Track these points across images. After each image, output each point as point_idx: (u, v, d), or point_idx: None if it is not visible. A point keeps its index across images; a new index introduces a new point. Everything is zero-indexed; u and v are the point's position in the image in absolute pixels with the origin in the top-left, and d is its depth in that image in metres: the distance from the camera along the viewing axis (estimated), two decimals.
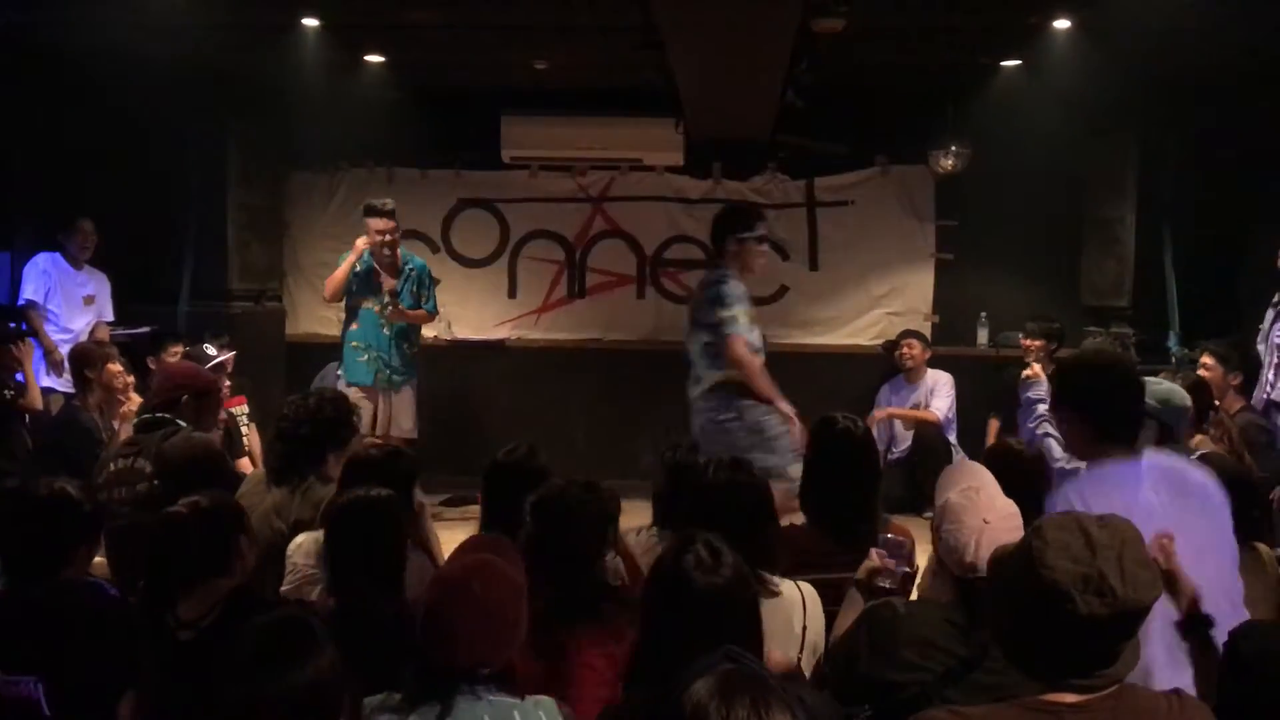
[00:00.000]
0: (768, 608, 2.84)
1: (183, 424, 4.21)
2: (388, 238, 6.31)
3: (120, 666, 2.01)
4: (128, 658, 2.01)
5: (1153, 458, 2.78)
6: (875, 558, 3.07)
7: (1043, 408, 4.39)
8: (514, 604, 2.24)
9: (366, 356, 6.31)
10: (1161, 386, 4.06)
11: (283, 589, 3.30)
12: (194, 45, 6.26)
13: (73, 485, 3.03)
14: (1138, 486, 2.63)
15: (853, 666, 2.48)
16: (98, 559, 3.36)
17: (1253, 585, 2.82)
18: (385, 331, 6.35)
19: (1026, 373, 4.84)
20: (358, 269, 6.32)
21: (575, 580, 2.72)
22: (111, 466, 3.97)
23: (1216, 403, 4.91)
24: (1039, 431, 4.48)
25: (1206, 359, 5.41)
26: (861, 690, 2.44)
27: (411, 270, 6.52)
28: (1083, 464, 3.81)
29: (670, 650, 2.09)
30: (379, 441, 5.28)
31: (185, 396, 4.32)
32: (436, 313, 6.80)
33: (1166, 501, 2.62)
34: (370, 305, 6.36)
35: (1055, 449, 3.77)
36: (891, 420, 7.36)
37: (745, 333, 4.99)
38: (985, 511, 2.59)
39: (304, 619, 2.08)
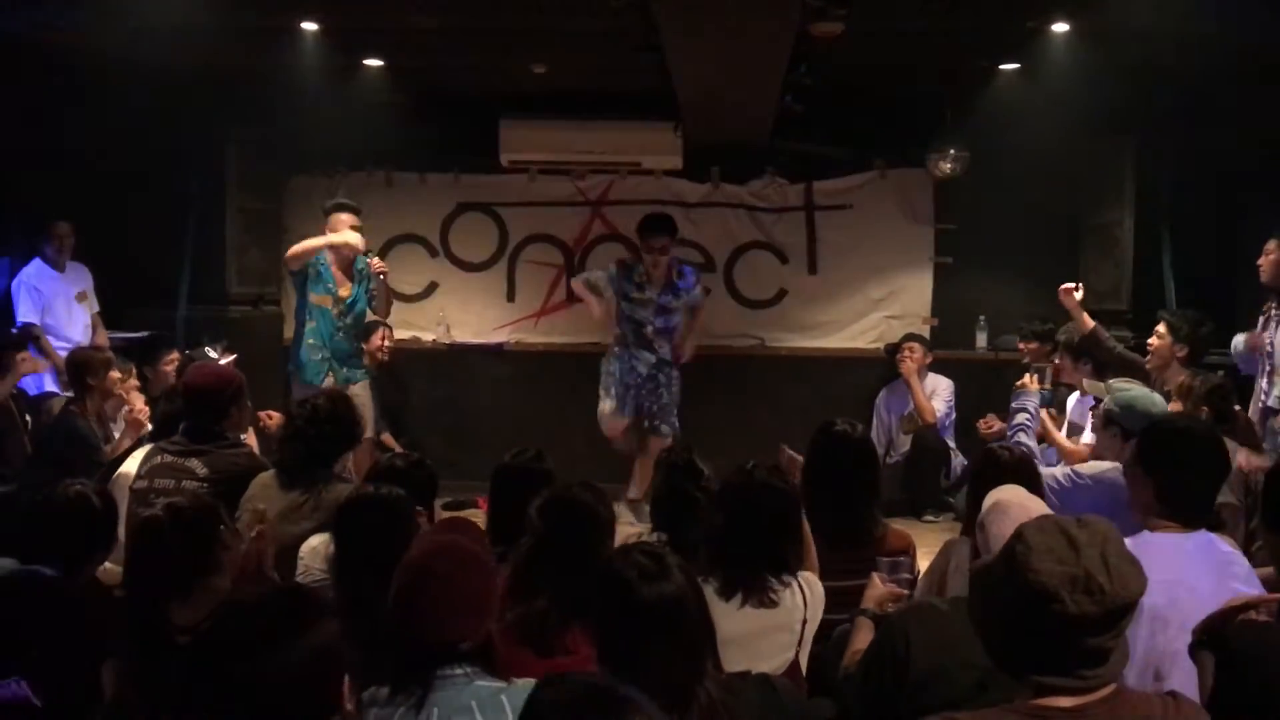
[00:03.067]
0: (763, 616, 2.83)
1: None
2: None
3: (84, 642, 2.00)
4: (89, 632, 2.00)
5: (1202, 538, 2.73)
6: (879, 582, 3.06)
7: (1023, 416, 4.42)
8: (479, 577, 2.24)
9: (320, 356, 6.13)
10: (1129, 393, 4.05)
11: None
12: (193, 49, 6.24)
13: (91, 490, 3.03)
14: (1181, 565, 2.61)
15: (895, 672, 2.44)
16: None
17: None
18: (339, 335, 6.17)
19: (1020, 382, 4.89)
20: (320, 269, 6.10)
21: (580, 580, 2.72)
22: (159, 459, 3.96)
23: (1236, 407, 4.82)
24: (1013, 440, 4.55)
25: (1160, 327, 5.31)
26: (907, 694, 2.40)
27: (364, 270, 6.26)
28: (1070, 472, 3.85)
29: (626, 663, 2.06)
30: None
31: (234, 409, 4.17)
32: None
33: (1206, 587, 2.56)
34: (327, 305, 6.14)
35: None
36: (890, 423, 7.38)
37: None
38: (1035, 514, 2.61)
39: (299, 590, 2.06)
